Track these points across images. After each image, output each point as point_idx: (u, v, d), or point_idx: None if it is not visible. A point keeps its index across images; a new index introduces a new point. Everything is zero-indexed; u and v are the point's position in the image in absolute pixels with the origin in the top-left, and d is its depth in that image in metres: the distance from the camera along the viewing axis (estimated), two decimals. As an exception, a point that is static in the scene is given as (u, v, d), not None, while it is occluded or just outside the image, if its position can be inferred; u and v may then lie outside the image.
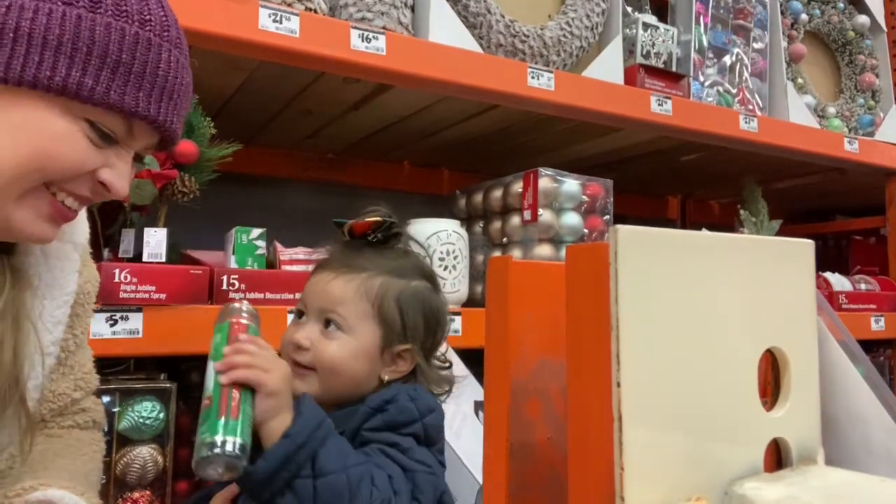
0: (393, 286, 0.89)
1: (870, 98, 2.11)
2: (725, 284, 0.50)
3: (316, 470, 0.71)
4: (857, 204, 2.54)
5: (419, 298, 0.90)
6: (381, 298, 0.87)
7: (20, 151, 0.61)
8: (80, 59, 0.60)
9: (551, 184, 1.48)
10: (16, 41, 0.59)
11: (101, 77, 0.61)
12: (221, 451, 0.67)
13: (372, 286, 0.88)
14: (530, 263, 0.63)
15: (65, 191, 0.65)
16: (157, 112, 0.65)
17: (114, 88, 0.62)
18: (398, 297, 0.88)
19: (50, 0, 0.60)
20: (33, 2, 0.60)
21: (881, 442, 0.60)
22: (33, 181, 0.62)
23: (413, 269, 0.92)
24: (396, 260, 0.92)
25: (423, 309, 0.90)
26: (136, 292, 1.04)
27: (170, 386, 1.07)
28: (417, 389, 0.86)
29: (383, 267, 0.89)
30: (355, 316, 0.86)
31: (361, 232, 0.91)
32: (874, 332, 1.94)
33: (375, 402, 0.83)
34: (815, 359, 0.56)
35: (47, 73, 0.59)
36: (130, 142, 0.67)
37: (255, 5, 1.10)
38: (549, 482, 0.58)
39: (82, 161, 0.63)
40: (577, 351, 0.48)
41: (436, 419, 0.85)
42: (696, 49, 1.72)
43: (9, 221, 0.63)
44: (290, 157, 1.83)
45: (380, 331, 0.87)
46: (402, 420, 0.81)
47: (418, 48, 1.28)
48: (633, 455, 0.44)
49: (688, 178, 2.30)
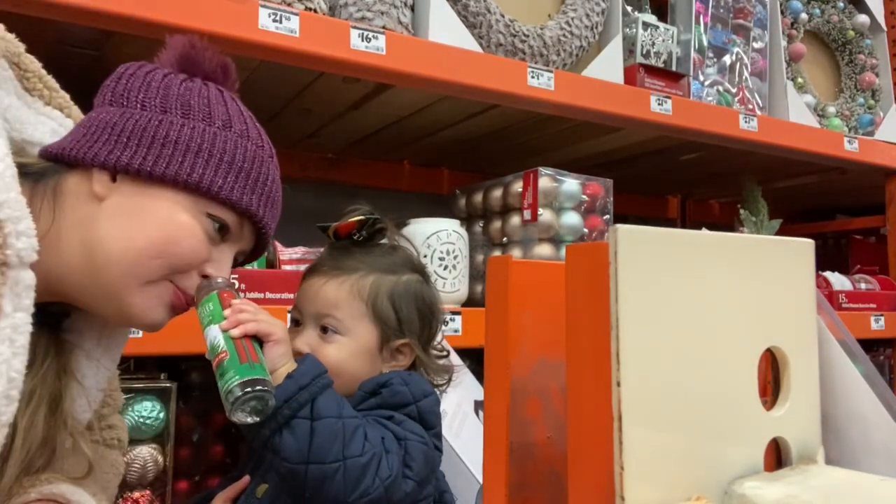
0: (384, 283, 0.90)
1: (870, 97, 2.11)
2: (725, 284, 0.50)
3: (314, 413, 0.74)
4: (857, 203, 2.54)
5: (411, 292, 0.91)
6: (374, 296, 0.88)
7: (150, 235, 0.70)
8: (214, 163, 0.72)
9: (551, 183, 1.48)
10: (164, 146, 0.71)
11: (227, 179, 0.73)
12: (252, 390, 0.69)
13: (364, 285, 0.89)
14: (530, 263, 0.63)
15: (178, 285, 0.73)
16: (263, 213, 0.77)
17: (236, 189, 0.74)
18: (391, 294, 0.89)
19: (194, 119, 0.73)
20: (181, 119, 0.73)
21: (881, 441, 0.60)
22: (158, 267, 0.71)
23: (402, 264, 0.93)
24: (385, 256, 0.93)
25: (416, 302, 0.91)
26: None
27: (170, 386, 1.07)
28: (412, 375, 0.88)
29: (372, 265, 0.90)
30: (351, 317, 0.87)
31: (346, 232, 0.92)
32: (874, 331, 1.94)
33: (369, 386, 0.84)
34: (815, 358, 0.56)
35: (186, 172, 0.71)
36: (237, 240, 0.77)
37: (255, 5, 1.10)
38: (549, 482, 0.58)
39: (199, 251, 0.73)
40: (577, 350, 0.48)
41: (431, 403, 0.86)
42: (695, 48, 1.72)
43: (129, 306, 0.71)
44: (289, 156, 1.83)
45: (376, 329, 0.88)
46: (395, 402, 0.83)
47: (418, 48, 1.28)
48: (633, 455, 0.44)
49: (688, 177, 2.30)
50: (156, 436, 1.05)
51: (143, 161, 0.70)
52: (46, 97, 0.78)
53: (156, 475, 1.04)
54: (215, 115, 0.75)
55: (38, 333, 0.73)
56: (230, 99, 0.78)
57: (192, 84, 0.76)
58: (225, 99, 0.77)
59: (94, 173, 0.70)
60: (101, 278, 0.70)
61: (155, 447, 1.04)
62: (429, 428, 0.85)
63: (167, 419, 1.06)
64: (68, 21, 1.00)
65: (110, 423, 0.87)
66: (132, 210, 0.70)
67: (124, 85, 0.74)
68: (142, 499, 1.03)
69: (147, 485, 1.03)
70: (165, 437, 1.06)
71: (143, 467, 1.02)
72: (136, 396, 1.04)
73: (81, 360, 0.78)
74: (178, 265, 0.72)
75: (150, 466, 1.03)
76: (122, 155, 0.70)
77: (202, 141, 0.72)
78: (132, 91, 0.73)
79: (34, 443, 0.70)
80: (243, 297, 0.82)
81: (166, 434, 1.06)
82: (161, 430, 1.05)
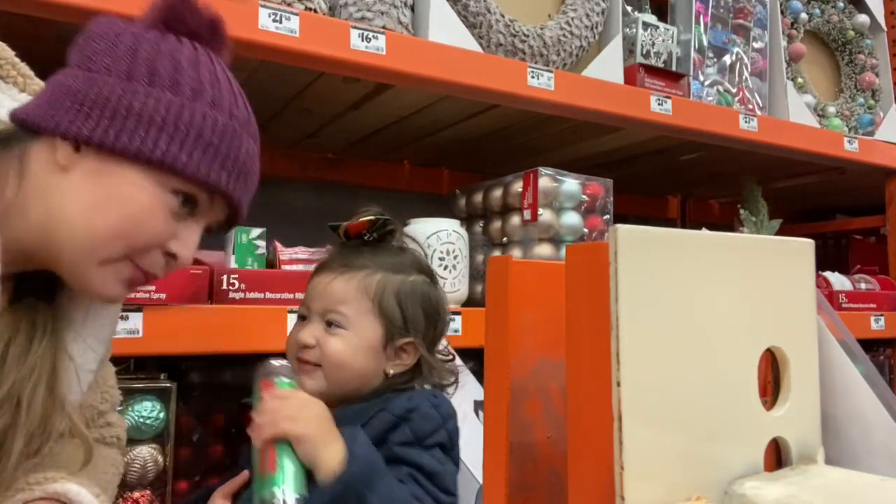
0: (391, 282, 0.90)
1: (870, 97, 2.11)
2: (725, 284, 0.50)
3: None
4: (857, 203, 2.54)
5: (418, 292, 0.92)
6: (381, 294, 0.89)
7: (112, 217, 0.69)
8: (179, 138, 0.69)
9: (551, 183, 1.48)
10: (126, 118, 0.68)
11: (193, 154, 0.70)
12: None
13: (371, 283, 0.89)
14: (530, 263, 0.63)
15: (138, 263, 0.72)
16: (233, 188, 0.74)
17: (202, 164, 0.71)
18: (397, 292, 0.90)
19: (160, 87, 0.70)
20: (146, 87, 0.69)
21: (881, 441, 0.60)
22: (118, 248, 0.69)
23: (410, 265, 0.94)
24: (393, 256, 0.94)
25: (422, 302, 0.92)
26: (136, 292, 1.04)
27: (170, 386, 1.07)
28: (437, 396, 0.89)
29: (381, 264, 0.91)
30: (357, 313, 0.88)
31: (357, 232, 0.93)
32: (874, 331, 1.94)
33: (398, 409, 0.84)
34: (815, 358, 0.56)
35: (149, 147, 0.68)
36: (206, 214, 0.75)
37: (255, 5, 1.10)
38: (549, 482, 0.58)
39: (160, 232, 0.71)
40: (577, 350, 0.48)
41: (455, 424, 0.88)
42: (695, 48, 1.72)
43: (87, 282, 0.71)
44: (290, 156, 1.83)
45: (381, 326, 0.89)
46: (428, 429, 0.83)
47: (418, 48, 1.28)
48: (633, 454, 0.44)
49: (688, 177, 2.30)
50: (156, 436, 1.05)
51: (104, 134, 0.67)
52: (21, 84, 0.76)
53: (156, 475, 1.04)
54: (184, 82, 0.71)
55: (36, 307, 0.74)
56: (207, 61, 0.74)
57: (164, 45, 0.72)
58: (199, 62, 0.73)
59: (58, 142, 0.69)
60: (64, 252, 0.69)
61: (155, 447, 1.04)
62: (454, 447, 0.87)
63: (167, 419, 1.06)
64: (68, 21, 1.00)
65: (109, 421, 0.87)
66: (95, 186, 0.68)
67: (93, 47, 0.71)
68: (142, 499, 1.03)
69: (147, 485, 1.03)
70: (165, 437, 1.06)
71: (143, 467, 1.02)
72: (136, 396, 1.04)
73: (71, 336, 0.77)
74: (139, 246, 0.71)
75: (150, 466, 1.03)
76: (84, 126, 0.67)
77: (167, 113, 0.69)
78: (99, 54, 0.70)
79: (34, 421, 0.69)
80: (287, 381, 0.82)
81: (166, 434, 1.06)
82: (161, 430, 1.05)
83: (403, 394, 0.89)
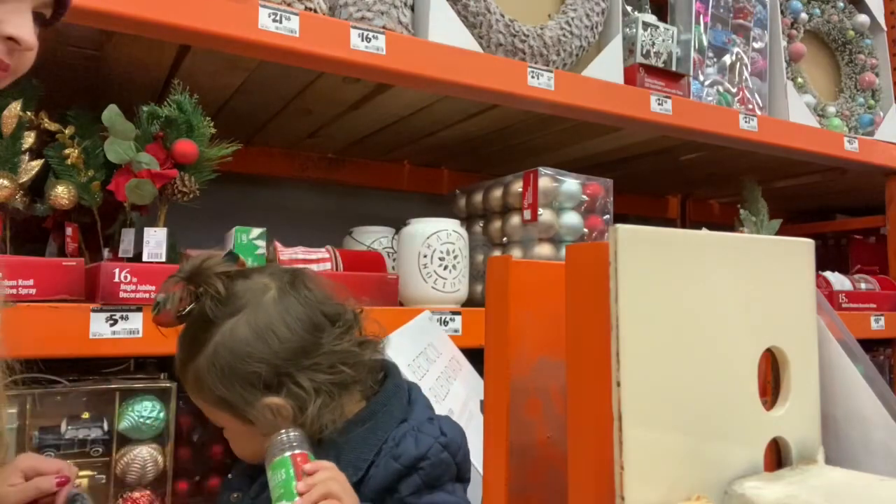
0: (198, 369, 0.82)
1: (870, 97, 2.11)
2: (725, 284, 0.50)
3: None
4: (857, 203, 2.54)
5: (218, 361, 0.81)
6: (203, 390, 0.84)
7: None
8: None
9: (551, 183, 1.48)
10: None
11: None
12: None
13: (195, 387, 0.85)
14: (530, 263, 0.63)
15: None
16: None
17: None
18: (206, 376, 0.82)
19: None
20: None
21: (881, 441, 0.60)
22: None
23: (201, 330, 0.83)
24: (190, 332, 0.85)
25: (231, 361, 0.81)
26: (136, 292, 1.04)
27: (170, 386, 1.07)
28: (444, 432, 0.83)
29: (186, 356, 0.84)
30: (211, 414, 0.87)
31: (167, 324, 0.86)
32: (874, 331, 1.94)
33: (407, 459, 0.80)
34: (815, 358, 0.56)
35: None
36: None
37: (255, 5, 1.10)
38: (549, 482, 0.58)
39: None
40: (577, 350, 0.48)
41: (466, 451, 0.86)
42: (695, 48, 1.72)
43: None
44: (289, 156, 1.83)
45: (226, 411, 0.84)
46: (439, 475, 0.82)
47: (418, 48, 1.28)
48: (633, 454, 0.44)
49: (688, 177, 2.30)
50: (156, 436, 1.05)
51: None
52: None
53: (155, 475, 1.04)
54: None
55: None
56: None
57: None
58: None
59: None
60: None
61: (155, 447, 1.04)
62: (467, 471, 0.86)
63: (167, 419, 1.06)
64: (68, 21, 1.00)
65: None
66: None
67: None
68: (141, 499, 1.03)
69: (147, 485, 1.03)
70: (165, 437, 1.06)
71: (143, 467, 1.02)
72: (136, 396, 1.04)
73: None
74: None
75: (150, 466, 1.03)
76: None
77: None
78: None
79: None
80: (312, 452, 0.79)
81: (166, 434, 1.06)
82: (161, 430, 1.05)
83: (401, 427, 0.83)
